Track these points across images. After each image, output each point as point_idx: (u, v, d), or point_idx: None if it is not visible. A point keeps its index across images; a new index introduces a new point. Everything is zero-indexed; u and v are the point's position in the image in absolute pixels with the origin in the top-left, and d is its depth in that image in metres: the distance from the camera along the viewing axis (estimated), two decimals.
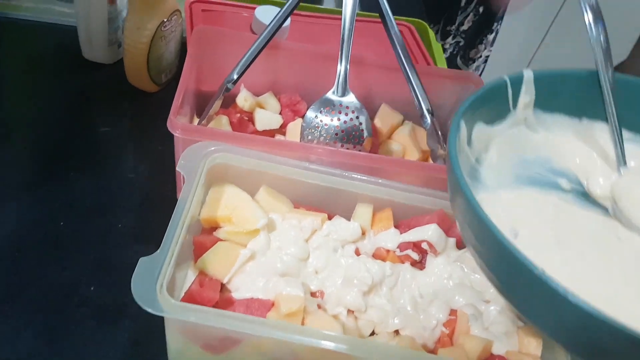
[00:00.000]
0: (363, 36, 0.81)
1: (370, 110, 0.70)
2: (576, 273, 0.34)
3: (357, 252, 0.52)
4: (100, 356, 0.50)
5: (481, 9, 1.23)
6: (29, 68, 0.76)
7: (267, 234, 0.50)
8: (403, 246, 0.52)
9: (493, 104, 0.42)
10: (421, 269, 0.52)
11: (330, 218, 0.54)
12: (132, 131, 0.71)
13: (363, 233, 0.54)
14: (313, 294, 0.49)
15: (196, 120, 0.65)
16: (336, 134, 0.60)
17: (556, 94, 0.44)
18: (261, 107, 0.67)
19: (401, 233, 0.53)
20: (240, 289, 0.47)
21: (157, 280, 0.42)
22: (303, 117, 0.61)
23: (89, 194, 0.62)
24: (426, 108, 0.60)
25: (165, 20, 0.68)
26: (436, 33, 1.26)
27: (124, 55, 0.71)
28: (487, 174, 0.40)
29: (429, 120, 0.60)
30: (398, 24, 0.85)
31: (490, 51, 1.31)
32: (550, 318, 0.31)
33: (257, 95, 0.68)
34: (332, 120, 0.61)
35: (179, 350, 0.47)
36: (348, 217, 0.55)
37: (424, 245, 0.51)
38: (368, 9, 0.89)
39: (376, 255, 0.52)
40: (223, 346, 0.45)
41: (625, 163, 0.42)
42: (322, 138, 0.60)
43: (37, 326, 0.51)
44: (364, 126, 0.61)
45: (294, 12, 0.79)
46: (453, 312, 0.49)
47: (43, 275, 0.55)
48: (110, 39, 0.74)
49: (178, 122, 0.52)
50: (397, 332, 0.48)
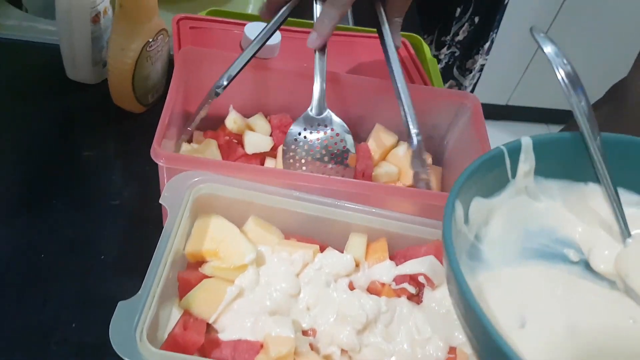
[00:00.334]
0: (358, 52, 0.79)
1: (363, 130, 0.68)
2: None
3: (351, 286, 0.50)
4: None
5: (477, 19, 1.21)
6: (11, 88, 0.73)
7: (256, 269, 0.48)
8: (399, 279, 0.49)
9: (490, 176, 0.39)
10: (418, 303, 0.50)
11: (322, 249, 0.52)
12: (117, 154, 0.69)
13: (357, 265, 0.51)
14: (305, 332, 0.47)
15: (183, 144, 0.62)
16: (320, 153, 0.59)
17: (557, 160, 0.41)
18: (251, 129, 0.64)
19: (397, 265, 0.51)
20: (227, 330, 0.45)
21: (137, 326, 0.39)
22: (284, 142, 0.60)
23: (71, 223, 0.60)
24: (414, 129, 0.58)
25: (150, 40, 0.65)
26: (430, 43, 1.24)
27: (109, 76, 0.68)
28: (489, 251, 0.38)
29: (415, 141, 0.58)
30: None
31: (485, 60, 1.30)
32: None
33: (247, 116, 0.65)
34: (315, 138, 0.59)
35: None
36: (341, 247, 0.52)
37: (421, 278, 0.49)
38: (365, 24, 0.87)
39: (371, 289, 0.50)
40: None
41: (629, 234, 0.39)
42: (304, 156, 0.58)
43: None
44: (347, 144, 0.60)
45: (286, 28, 0.78)
46: (452, 350, 0.47)
47: (22, 311, 0.52)
48: (94, 59, 0.71)
49: (162, 151, 0.50)
50: None
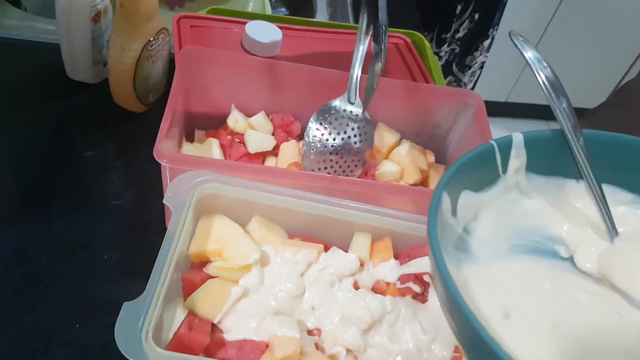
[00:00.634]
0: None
1: None
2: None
3: (356, 285, 0.50)
4: None
5: (477, 16, 1.21)
6: (10, 88, 0.73)
7: (260, 269, 0.48)
8: (404, 278, 0.49)
9: (480, 171, 0.38)
10: (423, 302, 0.50)
11: (326, 248, 0.52)
12: (119, 154, 0.69)
13: (361, 264, 0.51)
14: (310, 332, 0.47)
15: (185, 143, 0.62)
16: (335, 147, 0.60)
17: (549, 156, 0.41)
18: (253, 129, 0.64)
19: (401, 264, 0.51)
20: (232, 330, 0.45)
21: (142, 327, 0.39)
22: (307, 128, 0.61)
23: (72, 224, 0.59)
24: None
25: (151, 39, 0.65)
26: (431, 41, 1.24)
27: (109, 75, 0.68)
28: (478, 245, 0.37)
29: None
30: (393, 36, 0.83)
31: (486, 57, 1.30)
32: None
33: (249, 115, 0.65)
34: (335, 129, 0.60)
35: None
36: (345, 247, 0.52)
37: (426, 277, 0.49)
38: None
39: (375, 288, 0.50)
40: None
41: (617, 233, 0.39)
42: (321, 149, 0.58)
43: None
44: (368, 137, 0.61)
45: (286, 27, 0.77)
46: (457, 349, 0.46)
47: (24, 313, 0.52)
48: (94, 58, 0.71)
49: (165, 151, 0.50)
50: None
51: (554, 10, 1.93)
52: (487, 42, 1.27)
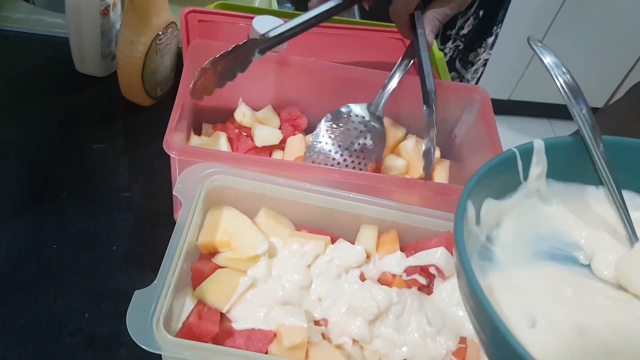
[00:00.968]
0: (364, 46, 0.80)
1: None
2: None
3: (362, 277, 0.50)
4: None
5: (481, 13, 1.21)
6: (20, 82, 0.74)
7: (268, 260, 0.48)
8: (410, 270, 0.50)
9: (502, 178, 0.39)
10: (429, 294, 0.50)
11: (333, 240, 0.52)
12: (127, 147, 0.69)
13: (368, 256, 0.52)
14: (317, 323, 0.47)
15: (193, 137, 0.62)
16: (344, 153, 0.60)
17: (569, 162, 0.41)
18: (260, 122, 0.65)
19: (407, 256, 0.51)
20: (240, 320, 0.45)
21: (153, 314, 0.40)
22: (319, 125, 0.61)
23: (82, 216, 0.60)
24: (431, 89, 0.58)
25: (160, 33, 0.65)
26: (436, 38, 1.24)
27: (118, 69, 0.69)
28: (501, 252, 0.37)
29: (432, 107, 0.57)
30: (396, 32, 0.84)
31: (489, 54, 1.30)
32: None
33: (256, 109, 0.66)
34: (344, 136, 0.60)
35: None
36: (352, 239, 0.53)
37: (432, 269, 0.49)
38: (368, 17, 0.87)
39: (382, 280, 0.50)
40: None
41: (637, 238, 0.39)
42: (326, 156, 0.59)
43: (30, 357, 0.49)
44: (378, 149, 0.61)
45: None
46: (463, 340, 0.47)
47: (35, 303, 0.52)
48: (103, 52, 0.71)
49: (174, 143, 0.50)
50: None
51: (558, 8, 1.93)
52: (491, 40, 1.27)
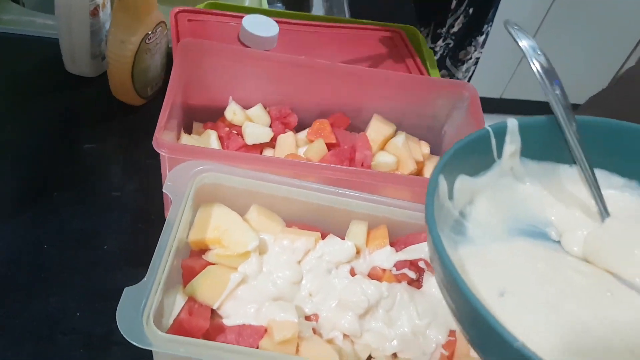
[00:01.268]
0: (354, 44, 0.80)
1: (362, 121, 0.69)
2: (565, 340, 0.32)
3: (353, 272, 0.51)
4: None
5: (471, 11, 1.22)
6: (10, 83, 0.74)
7: (259, 257, 0.49)
8: (399, 265, 0.50)
9: (476, 156, 0.39)
10: (418, 288, 0.51)
11: (324, 236, 0.53)
12: (118, 147, 0.69)
13: (358, 252, 0.52)
14: (307, 318, 0.48)
15: (184, 135, 0.63)
16: None
17: (543, 142, 0.41)
18: (250, 121, 0.65)
19: (397, 251, 0.52)
20: (231, 316, 0.46)
21: (144, 311, 0.40)
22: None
23: (74, 216, 0.60)
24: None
25: (149, 32, 0.66)
26: (427, 36, 1.25)
27: (108, 69, 0.69)
28: (474, 228, 0.38)
29: None
30: (388, 30, 0.84)
31: (480, 53, 1.30)
32: None
33: (247, 108, 0.66)
34: None
35: None
36: (342, 235, 0.53)
37: (421, 263, 0.50)
38: (358, 16, 0.88)
39: (372, 274, 0.51)
40: None
41: (608, 214, 0.40)
42: None
43: (24, 356, 0.49)
44: None
45: (283, 21, 0.78)
46: (452, 333, 0.47)
47: (29, 303, 0.53)
48: (93, 52, 0.71)
49: (164, 141, 0.51)
50: (395, 356, 0.47)
51: (549, 6, 1.94)
52: (482, 38, 1.28)
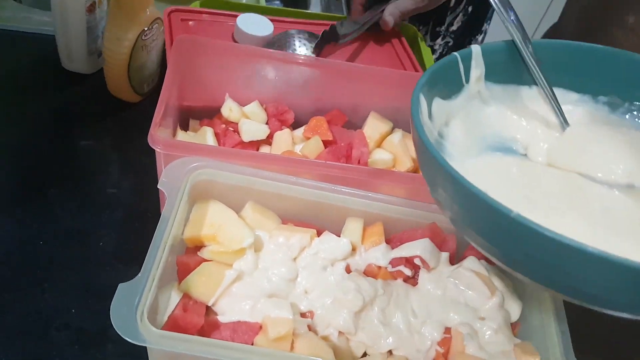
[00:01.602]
0: (352, 42, 0.80)
1: (359, 118, 0.68)
2: (549, 222, 0.34)
3: (348, 269, 0.50)
4: None
5: (470, 9, 1.21)
6: (6, 79, 0.74)
7: (254, 253, 0.48)
8: (395, 262, 0.50)
9: (448, 79, 0.44)
10: (414, 285, 0.51)
11: (319, 233, 0.52)
12: (114, 143, 0.69)
13: (353, 249, 0.52)
14: (303, 315, 0.47)
15: (180, 132, 0.63)
16: None
17: (504, 66, 0.46)
18: (247, 118, 0.65)
19: (393, 248, 0.51)
20: (226, 312, 0.46)
21: (138, 307, 0.40)
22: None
23: (69, 212, 0.60)
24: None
25: (145, 29, 0.65)
26: (425, 34, 1.25)
27: (104, 65, 0.69)
28: (452, 147, 0.43)
29: None
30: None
31: None
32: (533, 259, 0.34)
33: (243, 105, 0.66)
34: None
35: None
36: (338, 232, 0.53)
37: (417, 261, 0.50)
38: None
39: (367, 271, 0.51)
40: None
41: (568, 124, 0.45)
42: None
43: (17, 353, 0.49)
44: None
45: (278, 19, 0.78)
46: (447, 330, 0.47)
47: (22, 298, 0.53)
48: (89, 49, 0.71)
49: (159, 137, 0.50)
50: (391, 353, 0.47)
51: (548, 4, 1.94)
52: (481, 37, 1.28)
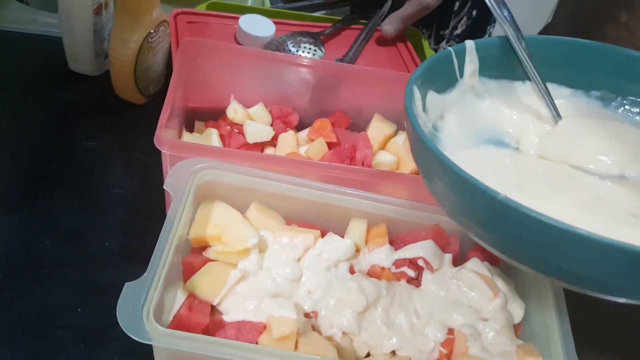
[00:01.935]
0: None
1: (362, 120, 0.69)
2: (540, 208, 0.34)
3: (352, 270, 0.51)
4: None
5: (474, 13, 1.22)
6: (13, 81, 0.74)
7: (259, 254, 0.49)
8: (398, 263, 0.50)
9: (441, 73, 0.45)
10: (417, 286, 0.51)
11: (323, 234, 0.53)
12: (119, 144, 0.70)
13: (357, 250, 0.52)
14: (306, 315, 0.48)
15: (185, 134, 0.63)
16: None
17: (498, 61, 0.47)
18: (252, 119, 0.65)
19: (396, 249, 0.52)
20: (231, 312, 0.46)
21: (144, 306, 0.40)
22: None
23: (75, 212, 0.60)
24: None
25: (152, 31, 0.66)
26: (429, 37, 1.25)
27: (111, 67, 0.69)
28: (446, 139, 0.44)
29: None
30: None
31: None
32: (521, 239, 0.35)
33: (248, 106, 0.66)
34: None
35: None
36: (342, 232, 0.53)
37: (420, 262, 0.50)
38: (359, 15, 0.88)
39: (371, 272, 0.51)
40: None
41: (560, 117, 0.46)
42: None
43: (21, 351, 0.49)
44: None
45: (280, 21, 0.78)
46: (451, 331, 0.48)
47: (27, 298, 0.53)
48: (96, 51, 0.72)
49: (165, 138, 0.51)
50: (394, 353, 0.47)
51: (553, 8, 1.94)
52: None
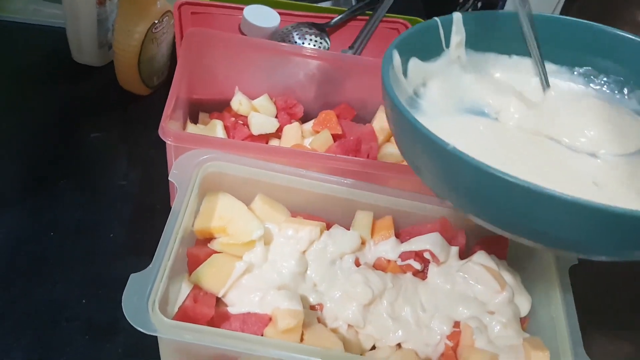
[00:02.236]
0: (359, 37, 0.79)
1: (367, 112, 0.68)
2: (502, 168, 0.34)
3: (357, 263, 0.50)
4: None
5: (479, 4, 1.21)
6: (16, 71, 0.74)
7: (264, 246, 0.49)
8: (404, 256, 0.50)
9: (426, 41, 0.45)
10: (423, 279, 0.51)
11: (329, 226, 0.53)
12: (124, 136, 0.69)
13: (363, 242, 0.52)
14: (312, 307, 0.48)
15: (190, 125, 0.63)
16: None
17: (485, 34, 0.47)
18: (256, 111, 0.65)
19: (402, 242, 0.51)
20: (236, 304, 0.46)
21: (149, 297, 0.40)
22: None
23: (79, 204, 0.60)
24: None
25: (156, 22, 0.66)
26: None
27: (115, 58, 0.69)
28: (427, 105, 0.44)
29: None
30: (394, 22, 0.84)
31: None
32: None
33: (253, 98, 0.66)
34: None
35: None
36: (347, 225, 0.53)
37: (426, 254, 0.50)
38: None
39: (377, 265, 0.51)
40: None
41: (549, 85, 0.46)
42: None
43: (28, 343, 0.49)
44: None
45: (285, 12, 0.78)
46: (457, 324, 0.47)
47: (33, 290, 0.53)
48: (100, 42, 0.71)
49: (170, 130, 0.51)
50: (399, 346, 0.47)
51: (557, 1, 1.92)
52: None
